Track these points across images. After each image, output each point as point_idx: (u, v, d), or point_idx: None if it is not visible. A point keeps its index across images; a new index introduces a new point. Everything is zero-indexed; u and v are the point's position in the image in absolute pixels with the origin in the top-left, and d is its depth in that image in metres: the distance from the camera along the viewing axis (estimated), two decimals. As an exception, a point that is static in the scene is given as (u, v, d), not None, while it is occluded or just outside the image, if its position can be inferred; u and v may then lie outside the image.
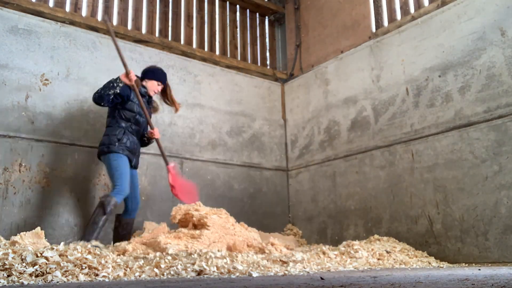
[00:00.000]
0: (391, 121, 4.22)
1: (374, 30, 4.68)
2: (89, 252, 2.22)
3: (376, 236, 3.97)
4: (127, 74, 3.45)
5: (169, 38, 4.88)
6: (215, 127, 4.88)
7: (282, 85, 5.63)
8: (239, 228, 3.43)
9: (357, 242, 3.58)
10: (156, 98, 3.92)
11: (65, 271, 1.95)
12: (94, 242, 2.93)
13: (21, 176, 3.58)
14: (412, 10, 4.37)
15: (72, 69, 4.03)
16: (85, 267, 2.03)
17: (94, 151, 3.99)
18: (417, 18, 4.17)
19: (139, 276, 2.09)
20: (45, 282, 1.81)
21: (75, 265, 2.02)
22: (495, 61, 3.51)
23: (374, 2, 4.77)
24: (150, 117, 3.67)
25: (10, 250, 2.12)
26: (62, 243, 2.45)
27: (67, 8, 4.21)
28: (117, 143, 3.44)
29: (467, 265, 3.34)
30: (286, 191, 5.29)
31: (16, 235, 3.39)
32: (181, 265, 2.29)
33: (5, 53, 3.72)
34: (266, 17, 5.91)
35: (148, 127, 3.68)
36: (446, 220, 3.63)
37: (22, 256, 2.02)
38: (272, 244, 3.18)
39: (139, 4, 4.73)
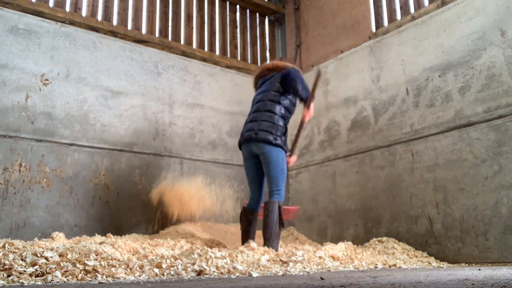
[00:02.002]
0: (391, 121, 4.22)
1: (374, 30, 4.68)
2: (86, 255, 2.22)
3: (374, 239, 3.98)
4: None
5: (169, 38, 4.88)
6: (215, 127, 4.88)
7: (282, 85, 5.62)
8: None
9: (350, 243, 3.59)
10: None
11: (65, 271, 1.95)
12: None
13: (21, 176, 3.58)
14: (412, 10, 4.37)
15: (72, 69, 4.03)
16: (84, 268, 2.02)
17: (94, 151, 4.00)
18: (417, 18, 4.17)
19: (139, 276, 2.09)
20: (45, 282, 1.81)
21: (75, 265, 2.02)
22: (495, 61, 3.51)
23: (374, 2, 4.77)
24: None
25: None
26: (62, 244, 2.45)
27: (67, 8, 4.21)
28: (282, 138, 3.42)
29: (467, 265, 3.34)
30: (286, 191, 5.28)
31: (16, 235, 3.41)
32: (181, 265, 2.29)
33: (5, 53, 3.72)
34: (266, 17, 5.91)
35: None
36: (446, 220, 3.63)
37: (22, 256, 2.02)
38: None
39: (139, 4, 4.73)
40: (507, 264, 3.17)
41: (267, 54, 5.82)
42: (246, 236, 3.38)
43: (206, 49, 5.16)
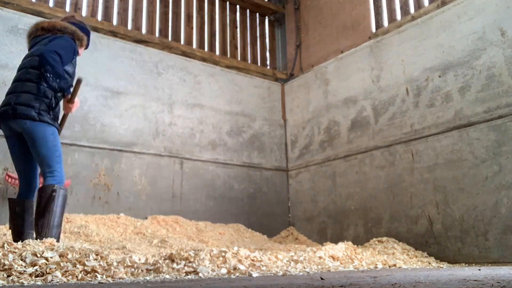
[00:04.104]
0: (391, 121, 4.22)
1: (374, 30, 4.68)
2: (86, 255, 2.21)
3: (374, 239, 3.97)
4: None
5: (169, 38, 4.88)
6: (215, 127, 4.88)
7: (282, 85, 5.63)
8: None
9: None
10: None
11: (65, 271, 1.95)
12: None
13: (21, 176, 3.58)
14: (412, 10, 4.37)
15: (72, 69, 4.03)
16: (83, 268, 2.02)
17: (94, 151, 4.00)
18: (417, 18, 4.17)
19: (139, 276, 2.09)
20: (45, 282, 1.81)
21: (75, 266, 2.02)
22: (495, 61, 3.51)
23: (374, 2, 4.77)
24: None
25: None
26: (61, 243, 2.45)
27: (67, 8, 4.21)
28: (50, 112, 2.80)
29: (467, 265, 3.34)
30: (286, 191, 5.29)
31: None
32: (178, 264, 2.29)
33: (5, 53, 3.72)
34: (266, 17, 5.91)
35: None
36: (446, 220, 3.63)
37: (21, 256, 2.02)
38: None
39: (139, 4, 4.73)
40: (507, 264, 3.17)
41: (267, 54, 5.82)
42: (20, 233, 2.68)
43: (206, 49, 5.17)
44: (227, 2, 5.54)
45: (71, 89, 2.91)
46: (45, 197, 2.61)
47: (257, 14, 5.83)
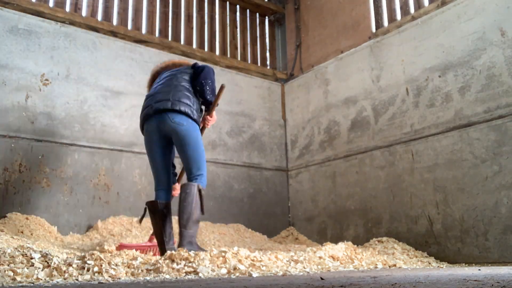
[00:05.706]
0: (391, 121, 4.22)
1: (374, 30, 4.68)
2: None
3: (374, 239, 3.96)
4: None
5: (169, 38, 4.88)
6: (215, 127, 4.88)
7: (282, 85, 5.63)
8: None
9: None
10: None
11: (64, 271, 1.95)
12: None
13: (21, 176, 3.58)
14: (412, 10, 4.37)
15: (72, 69, 4.03)
16: (86, 268, 2.02)
17: (94, 151, 4.00)
18: (417, 18, 4.17)
19: (139, 276, 2.09)
20: (44, 282, 1.81)
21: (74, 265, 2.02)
22: (495, 61, 3.51)
23: (374, 2, 4.77)
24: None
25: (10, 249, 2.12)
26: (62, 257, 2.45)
27: (67, 8, 4.21)
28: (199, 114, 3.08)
29: (467, 265, 3.34)
30: (286, 191, 5.29)
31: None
32: (179, 265, 2.29)
33: (5, 53, 3.73)
34: (266, 17, 5.91)
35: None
36: (446, 220, 3.63)
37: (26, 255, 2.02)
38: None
39: (139, 4, 4.73)
40: (507, 264, 3.17)
41: (267, 54, 5.82)
42: (164, 237, 2.85)
43: (206, 49, 5.17)
44: (227, 2, 5.54)
45: None
46: (191, 193, 2.84)
47: (257, 14, 5.83)
